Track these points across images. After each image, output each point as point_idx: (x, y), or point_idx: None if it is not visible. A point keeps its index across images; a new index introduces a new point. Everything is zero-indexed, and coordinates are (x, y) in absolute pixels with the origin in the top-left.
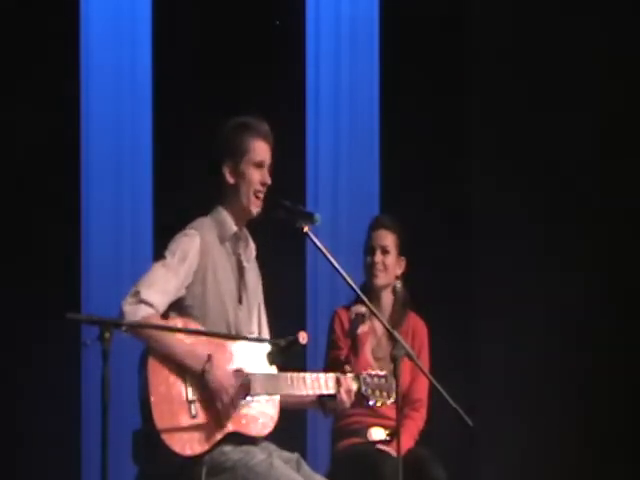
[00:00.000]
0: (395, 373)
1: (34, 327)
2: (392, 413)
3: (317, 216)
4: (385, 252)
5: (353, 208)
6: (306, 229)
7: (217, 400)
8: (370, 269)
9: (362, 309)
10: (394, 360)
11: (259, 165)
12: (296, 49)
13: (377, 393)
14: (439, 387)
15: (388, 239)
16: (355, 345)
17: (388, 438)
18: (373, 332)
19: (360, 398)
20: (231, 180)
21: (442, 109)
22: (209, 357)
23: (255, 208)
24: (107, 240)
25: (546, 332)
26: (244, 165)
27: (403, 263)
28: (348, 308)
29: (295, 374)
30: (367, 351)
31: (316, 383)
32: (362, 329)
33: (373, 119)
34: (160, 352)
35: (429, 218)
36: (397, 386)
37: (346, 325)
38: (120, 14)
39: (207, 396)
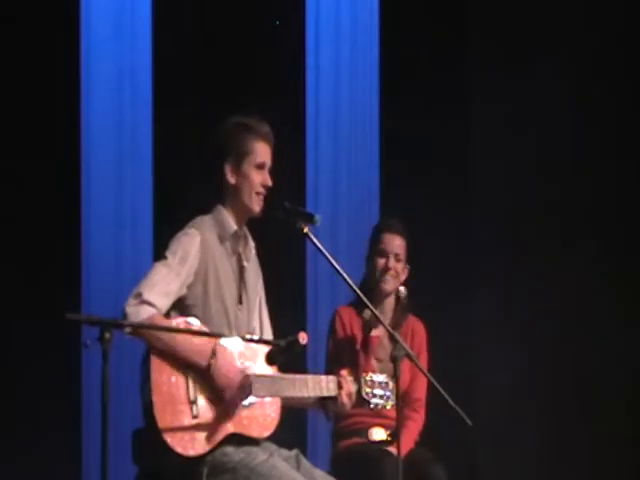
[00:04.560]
0: (395, 374)
1: (34, 327)
2: (393, 413)
3: (317, 217)
4: (398, 260)
5: (353, 208)
6: (306, 230)
7: (223, 395)
8: (382, 274)
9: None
10: (394, 361)
11: (260, 167)
12: (296, 49)
13: (377, 397)
14: (439, 387)
15: (401, 246)
16: (366, 346)
17: (389, 438)
18: (373, 351)
19: (360, 401)
20: (232, 180)
21: (442, 109)
22: (214, 352)
23: (257, 207)
24: (107, 240)
25: (546, 331)
26: (246, 166)
27: (407, 270)
28: (349, 307)
29: (297, 376)
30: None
31: (317, 385)
32: (376, 332)
33: (373, 119)
34: (163, 351)
35: (429, 218)
36: (397, 386)
37: (347, 324)
38: (120, 13)
39: (211, 393)
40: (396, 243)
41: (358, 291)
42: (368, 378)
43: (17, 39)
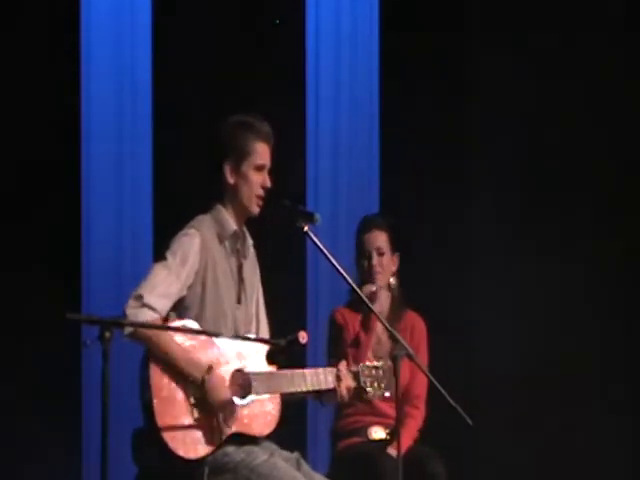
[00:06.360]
0: (395, 373)
1: (34, 327)
2: (392, 412)
3: (317, 216)
4: (380, 254)
5: (353, 208)
6: (306, 229)
7: (213, 409)
8: (368, 273)
9: (372, 287)
10: (394, 360)
11: (260, 168)
12: (296, 49)
13: (375, 385)
14: (439, 386)
15: (381, 239)
16: (366, 324)
17: (388, 437)
18: (374, 329)
19: (358, 390)
20: (231, 180)
21: (443, 108)
22: (209, 368)
23: (255, 208)
24: (107, 240)
25: (547, 328)
26: (245, 167)
27: (397, 259)
28: (347, 307)
29: (295, 371)
30: (368, 350)
31: (315, 379)
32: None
33: (373, 119)
34: (160, 357)
35: (429, 218)
36: (397, 385)
37: (349, 322)
38: (120, 13)
39: (207, 402)
40: (376, 238)
41: (358, 290)
42: (364, 366)
43: (17, 40)
